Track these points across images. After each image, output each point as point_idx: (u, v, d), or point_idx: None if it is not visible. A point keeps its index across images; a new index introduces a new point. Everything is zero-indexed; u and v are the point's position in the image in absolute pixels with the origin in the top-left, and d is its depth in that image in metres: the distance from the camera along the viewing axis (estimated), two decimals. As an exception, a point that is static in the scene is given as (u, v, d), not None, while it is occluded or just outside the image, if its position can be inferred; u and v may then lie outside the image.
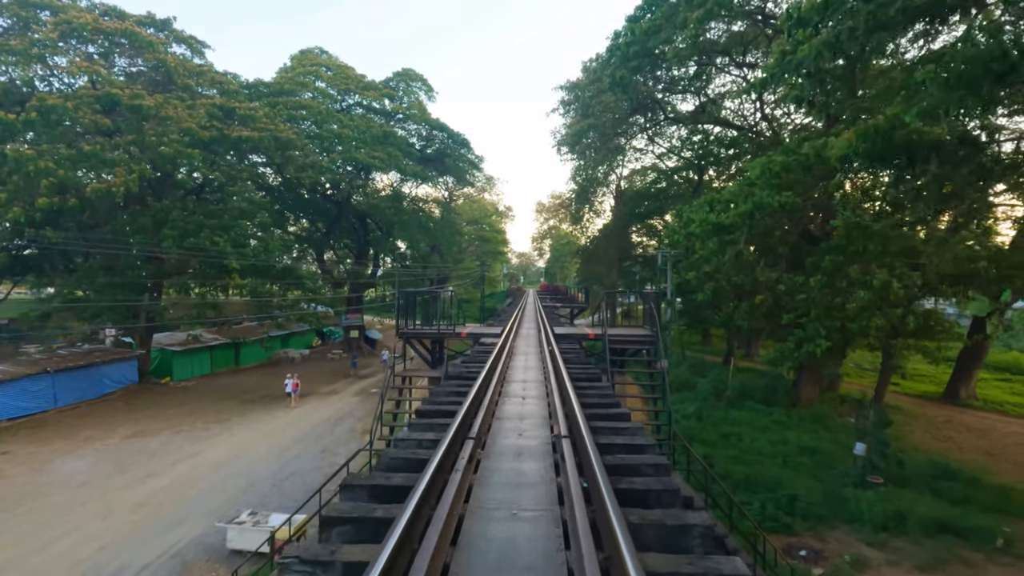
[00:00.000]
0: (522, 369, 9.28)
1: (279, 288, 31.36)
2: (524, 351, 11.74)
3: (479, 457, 4.48)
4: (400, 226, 45.80)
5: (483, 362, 9.32)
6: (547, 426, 5.67)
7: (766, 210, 20.80)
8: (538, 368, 9.36)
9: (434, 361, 14.20)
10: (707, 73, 37.99)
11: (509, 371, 8.99)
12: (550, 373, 8.00)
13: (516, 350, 11.79)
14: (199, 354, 38.43)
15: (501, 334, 13.61)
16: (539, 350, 11.80)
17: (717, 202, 22.66)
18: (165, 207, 27.44)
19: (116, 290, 27.32)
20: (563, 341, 13.38)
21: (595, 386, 7.66)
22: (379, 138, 38.09)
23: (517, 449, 4.78)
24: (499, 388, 7.49)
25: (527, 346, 12.55)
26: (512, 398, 7.01)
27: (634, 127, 42.15)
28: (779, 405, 27.93)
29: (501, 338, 12.76)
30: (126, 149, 24.92)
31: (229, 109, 29.35)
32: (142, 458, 20.86)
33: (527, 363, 9.93)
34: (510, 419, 5.95)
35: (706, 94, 40.20)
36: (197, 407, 29.42)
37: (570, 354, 11.33)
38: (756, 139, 35.17)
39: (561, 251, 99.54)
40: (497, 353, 9.92)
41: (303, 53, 43.62)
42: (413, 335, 13.78)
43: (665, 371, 12.25)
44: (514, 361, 10.08)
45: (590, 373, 8.80)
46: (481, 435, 5.00)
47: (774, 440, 20.13)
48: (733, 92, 39.98)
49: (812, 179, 23.00)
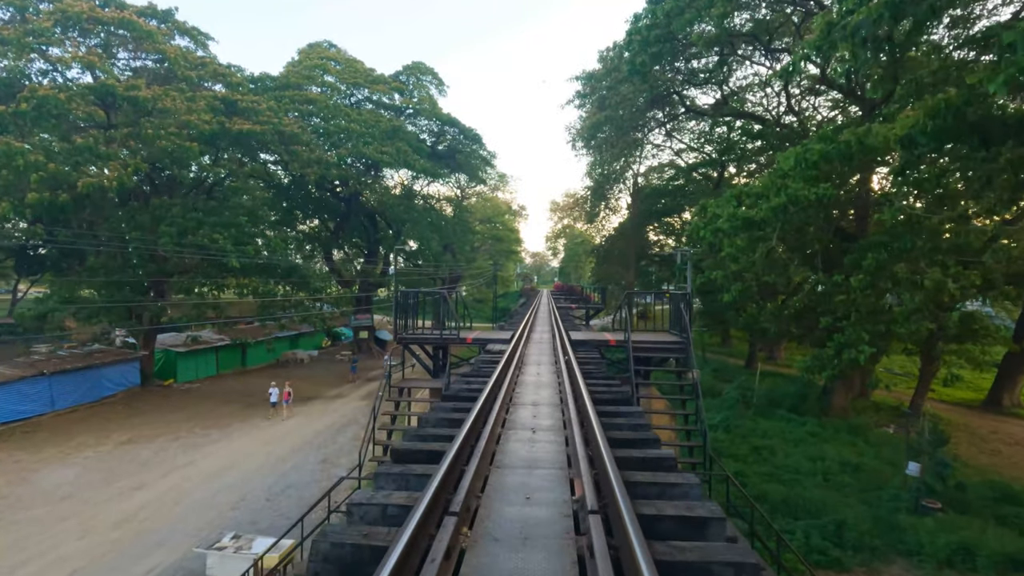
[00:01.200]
0: (533, 387, 7.82)
1: (284, 288, 30.14)
2: (536, 360, 10.26)
3: (463, 545, 3.02)
4: (411, 224, 44.53)
5: (488, 376, 7.86)
6: (566, 481, 4.18)
7: (801, 204, 19.09)
8: (552, 385, 7.87)
9: (437, 369, 12.77)
10: (729, 64, 36.38)
11: (517, 389, 7.51)
12: (567, 394, 6.51)
13: (527, 359, 10.31)
14: (204, 355, 37.51)
15: (511, 340, 12.13)
16: (553, 360, 10.30)
17: (747, 195, 20.98)
18: (165, 204, 26.39)
19: (115, 290, 26.31)
20: (580, 348, 11.87)
21: (623, 412, 6.16)
22: (388, 133, 36.81)
23: (522, 527, 3.31)
24: (503, 415, 6.03)
25: (539, 354, 11.07)
26: (519, 431, 5.56)
27: (652, 121, 40.56)
28: (810, 414, 26.13)
29: (511, 345, 11.29)
30: (122, 143, 23.87)
31: (231, 102, 28.24)
32: (133, 467, 19.74)
33: (539, 378, 8.45)
34: (515, 468, 4.46)
35: (728, 86, 38.61)
36: (198, 411, 28.37)
37: (589, 365, 9.82)
38: (781, 131, 33.28)
39: (575, 250, 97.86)
40: (505, 364, 8.46)
41: (311, 47, 42.53)
42: (413, 340, 12.37)
43: (697, 382, 10.68)
44: (524, 375, 8.60)
45: (615, 393, 7.28)
46: (471, 502, 3.53)
47: (810, 455, 18.39)
48: (756, 84, 38.40)
49: (851, 170, 21.26)
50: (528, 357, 10.41)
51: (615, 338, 12.42)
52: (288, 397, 27.24)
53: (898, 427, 28.10)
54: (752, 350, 42.59)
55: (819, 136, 19.72)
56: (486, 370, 8.78)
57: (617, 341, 12.18)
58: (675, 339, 12.20)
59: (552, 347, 12.30)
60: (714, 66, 36.62)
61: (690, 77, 36.47)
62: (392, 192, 43.85)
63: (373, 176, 44.26)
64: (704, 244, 26.43)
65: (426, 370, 12.96)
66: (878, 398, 32.75)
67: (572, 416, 5.60)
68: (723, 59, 34.92)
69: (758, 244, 20.26)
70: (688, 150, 45.77)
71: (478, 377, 8.13)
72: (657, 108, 38.64)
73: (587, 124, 36.36)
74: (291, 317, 30.78)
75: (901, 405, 30.74)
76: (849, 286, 18.80)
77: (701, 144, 43.10)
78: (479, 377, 8.12)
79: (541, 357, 10.56)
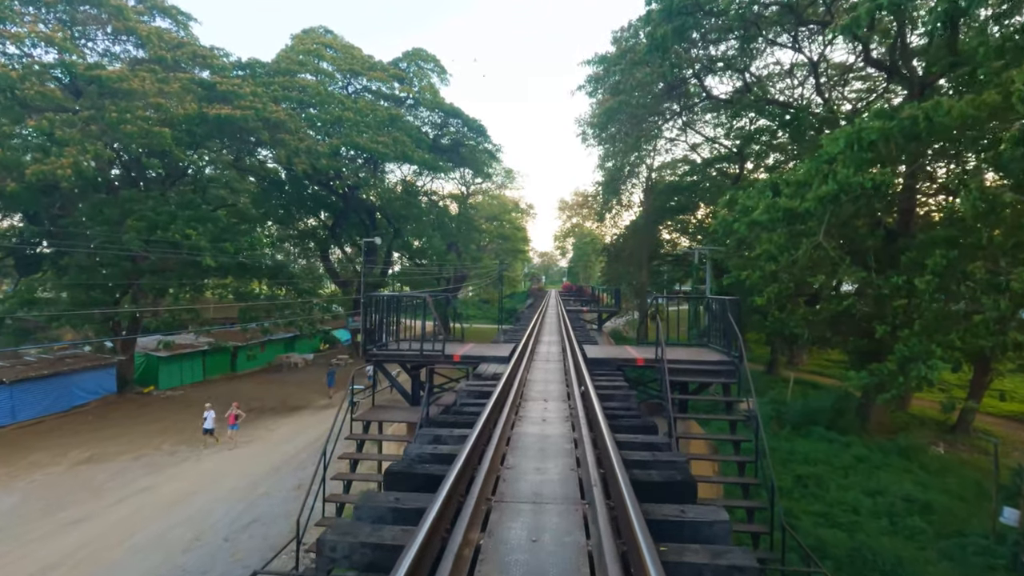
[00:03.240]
0: (537, 451, 5.05)
1: (268, 289, 27.66)
2: (541, 392, 7.62)
3: None
4: (412, 222, 41.98)
5: (472, 425, 5.22)
6: None
7: (854, 192, 16.30)
8: (564, 451, 5.10)
9: (416, 394, 10.14)
10: (751, 50, 33.91)
11: (511, 457, 4.79)
12: (591, 477, 3.87)
13: (529, 390, 7.66)
14: (189, 360, 35.13)
15: (510, 357, 9.48)
16: (564, 390, 7.66)
17: (786, 183, 18.21)
18: (135, 196, 23.99)
19: (83, 292, 23.93)
20: (599, 370, 9.21)
21: (690, 519, 3.51)
22: (384, 122, 34.27)
23: None
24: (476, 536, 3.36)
25: (546, 382, 8.44)
26: (511, 554, 2.97)
27: (667, 112, 37.98)
28: (850, 430, 23.35)
29: (509, 364, 8.66)
30: (83, 127, 21.48)
31: (210, 85, 25.80)
32: (83, 494, 17.30)
33: (545, 427, 5.78)
34: None
35: (750, 72, 36.14)
36: (174, 422, 25.97)
37: (614, 399, 7.17)
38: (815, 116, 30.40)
39: (584, 250, 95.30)
40: (497, 403, 5.84)
41: (306, 32, 40.06)
42: (386, 358, 9.77)
43: (757, 418, 8.02)
44: (524, 424, 5.93)
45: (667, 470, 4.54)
46: None
47: (867, 487, 15.61)
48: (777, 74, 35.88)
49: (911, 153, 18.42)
50: (531, 387, 7.76)
51: (643, 356, 9.74)
52: (235, 420, 22.28)
53: (947, 445, 25.25)
54: (774, 355, 39.75)
55: (875, 113, 16.94)
56: (470, 411, 6.16)
57: (646, 360, 9.51)
58: (722, 358, 9.52)
59: (562, 367, 9.63)
60: (735, 52, 34.27)
61: (709, 64, 34.10)
62: (391, 188, 41.26)
63: (372, 171, 41.78)
64: (733, 240, 23.74)
65: (403, 395, 10.32)
66: (916, 409, 29.87)
67: (603, 532, 2.97)
68: (746, 43, 32.42)
69: (801, 240, 17.50)
70: (705, 142, 43.13)
71: (460, 427, 5.48)
72: (673, 100, 36.12)
73: (599, 112, 33.69)
74: (275, 322, 28.18)
75: (948, 419, 27.83)
76: (913, 288, 16.02)
77: (722, 135, 40.34)
78: (462, 428, 5.48)
79: (548, 386, 7.90)
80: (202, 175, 26.99)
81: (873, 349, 25.66)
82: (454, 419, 5.74)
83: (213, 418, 22.04)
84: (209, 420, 22.02)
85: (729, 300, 9.52)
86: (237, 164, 34.12)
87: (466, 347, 10.90)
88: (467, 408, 6.28)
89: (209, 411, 22.18)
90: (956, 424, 26.83)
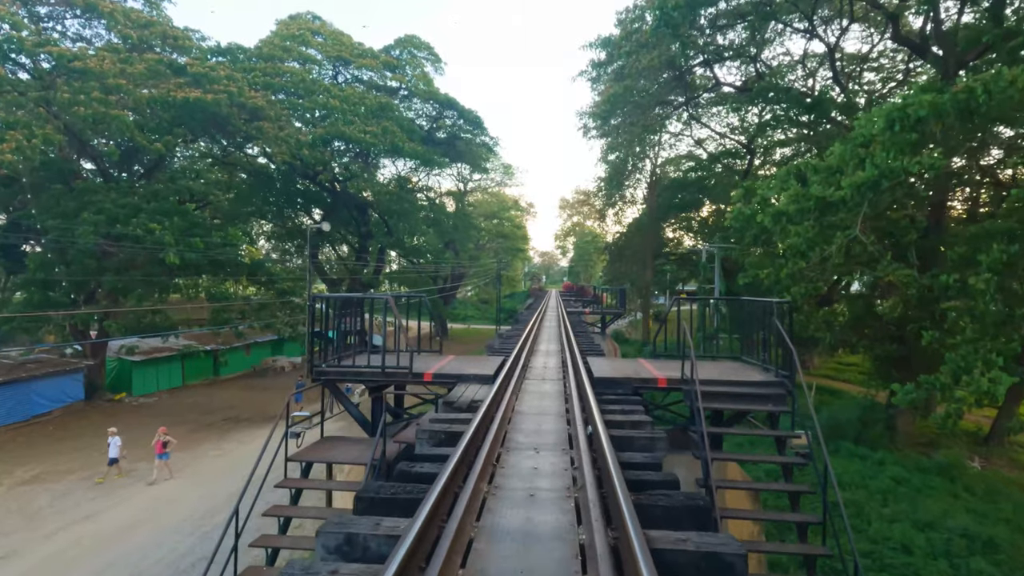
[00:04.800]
0: (521, 535, 3.18)
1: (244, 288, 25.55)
2: (533, 435, 5.43)
3: None
4: (404, 218, 39.86)
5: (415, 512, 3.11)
6: None
7: (897, 178, 14.22)
8: (562, 545, 3.16)
9: (376, 423, 7.96)
10: (761, 37, 32.22)
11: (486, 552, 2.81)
12: None
13: (516, 435, 5.45)
14: (167, 364, 33.04)
15: (495, 377, 7.39)
16: (563, 434, 5.49)
17: (815, 170, 16.10)
18: (95, 187, 21.91)
19: (37, 292, 21.84)
20: (609, 394, 7.10)
21: None
22: (374, 110, 32.13)
23: None
24: None
25: (541, 414, 6.29)
26: None
27: (672, 103, 36.11)
28: (878, 444, 21.24)
29: (494, 388, 6.55)
30: (32, 109, 19.40)
31: (180, 67, 23.70)
32: (17, 521, 15.23)
33: (534, 512, 3.69)
34: None
35: (761, 60, 34.35)
36: (141, 434, 23.75)
37: (635, 446, 5.07)
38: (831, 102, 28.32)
39: (586, 249, 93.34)
40: (461, 460, 3.75)
41: (292, 18, 37.95)
42: (338, 376, 7.67)
43: (827, 464, 5.99)
44: (501, 503, 3.86)
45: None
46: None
47: (914, 518, 13.48)
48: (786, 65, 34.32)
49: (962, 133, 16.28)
50: (518, 424, 5.62)
51: (664, 374, 7.64)
52: (163, 449, 17.77)
53: (983, 460, 23.17)
54: (788, 359, 37.62)
55: (921, 87, 14.86)
56: (422, 471, 4.06)
57: (669, 380, 7.41)
58: (764, 376, 7.43)
59: (562, 391, 7.51)
60: (744, 40, 32.50)
61: (718, 52, 32.29)
62: (380, 182, 39.12)
63: (363, 165, 39.67)
64: (749, 236, 21.64)
65: (361, 424, 8.16)
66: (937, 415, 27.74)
67: None
68: (757, 30, 30.61)
69: (834, 233, 15.38)
70: (710, 137, 41.29)
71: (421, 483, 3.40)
72: (679, 90, 34.21)
73: (602, 100, 31.64)
74: (252, 324, 26.03)
75: (979, 429, 25.71)
76: (965, 288, 13.92)
77: (729, 129, 38.50)
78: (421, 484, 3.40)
79: (542, 423, 5.76)
80: (169, 164, 24.82)
81: (903, 355, 23.63)
82: (392, 494, 3.62)
83: (118, 445, 17.93)
84: (113, 448, 17.83)
85: (776, 303, 7.40)
86: (225, 158, 32.13)
87: (443, 361, 8.78)
88: (417, 470, 4.18)
89: (113, 437, 18.04)
90: (989, 435, 24.75)
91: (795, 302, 17.45)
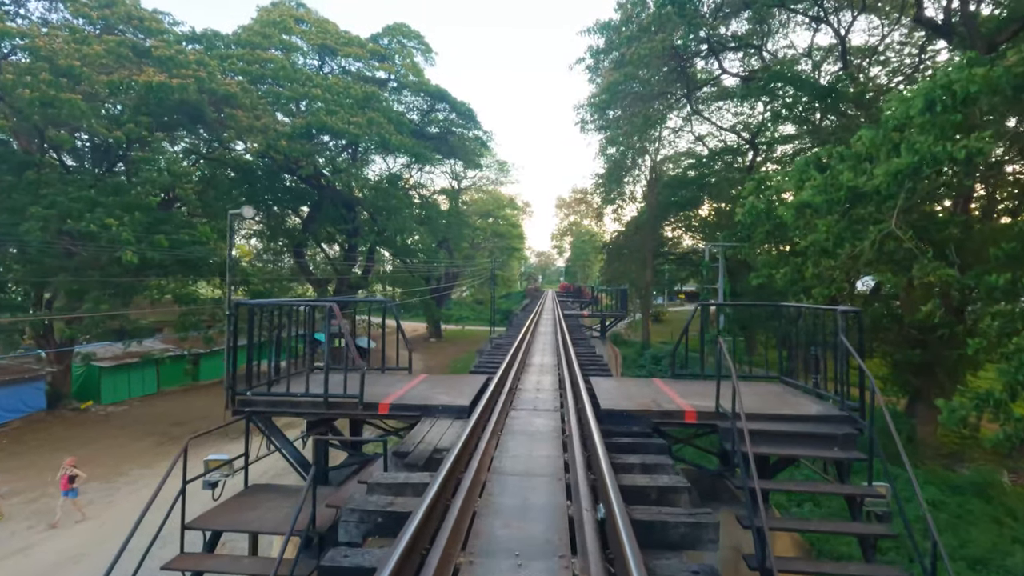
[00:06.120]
0: None
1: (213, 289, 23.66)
2: (515, 522, 3.67)
3: None
4: (394, 215, 37.99)
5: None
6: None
7: (940, 164, 12.53)
8: None
9: (320, 470, 6.08)
10: (767, 28, 31.04)
11: None
12: None
13: (489, 521, 3.71)
14: (140, 370, 31.08)
15: (471, 410, 5.59)
16: (563, 519, 3.69)
17: (841, 157, 14.37)
18: (47, 178, 20.02)
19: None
20: (620, 432, 5.32)
21: None
22: (359, 101, 30.28)
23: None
24: None
25: (528, 475, 4.35)
26: None
27: (673, 96, 34.68)
28: (899, 458, 19.46)
29: (468, 427, 4.76)
30: (-28, 92, 17.54)
31: (143, 49, 21.82)
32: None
33: None
34: None
35: (767, 51, 33.10)
36: (104, 448, 22.06)
37: (670, 534, 3.26)
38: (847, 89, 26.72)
39: (583, 248, 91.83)
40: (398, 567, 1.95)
41: (274, 5, 36.05)
42: (268, 409, 5.88)
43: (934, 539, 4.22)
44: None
45: None
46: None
47: (964, 554, 11.78)
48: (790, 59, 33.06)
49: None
50: (498, 491, 3.82)
51: (691, 405, 5.87)
52: (69, 486, 14.57)
53: (1012, 475, 21.54)
54: (793, 363, 36.00)
55: (968, 61, 13.13)
56: None
57: (699, 413, 5.64)
58: (823, 409, 5.68)
59: (559, 429, 5.67)
60: (748, 30, 31.27)
61: (721, 42, 30.98)
62: (367, 178, 37.27)
63: (351, 159, 37.81)
64: (761, 232, 19.92)
65: (299, 467, 6.29)
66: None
67: None
68: (763, 19, 29.31)
69: (866, 228, 13.67)
70: (711, 134, 39.85)
71: None
72: (680, 83, 32.66)
73: (601, 89, 29.97)
74: (222, 329, 24.10)
75: (1005, 439, 24.02)
76: (1017, 290, 12.24)
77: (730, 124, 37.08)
78: None
79: (530, 493, 3.92)
80: (141, 157, 22.92)
81: (926, 362, 21.97)
82: None
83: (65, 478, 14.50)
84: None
85: (841, 312, 5.62)
86: (210, 154, 30.24)
87: (410, 384, 6.95)
88: None
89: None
90: (1014, 445, 23.13)
91: (817, 305, 15.73)
